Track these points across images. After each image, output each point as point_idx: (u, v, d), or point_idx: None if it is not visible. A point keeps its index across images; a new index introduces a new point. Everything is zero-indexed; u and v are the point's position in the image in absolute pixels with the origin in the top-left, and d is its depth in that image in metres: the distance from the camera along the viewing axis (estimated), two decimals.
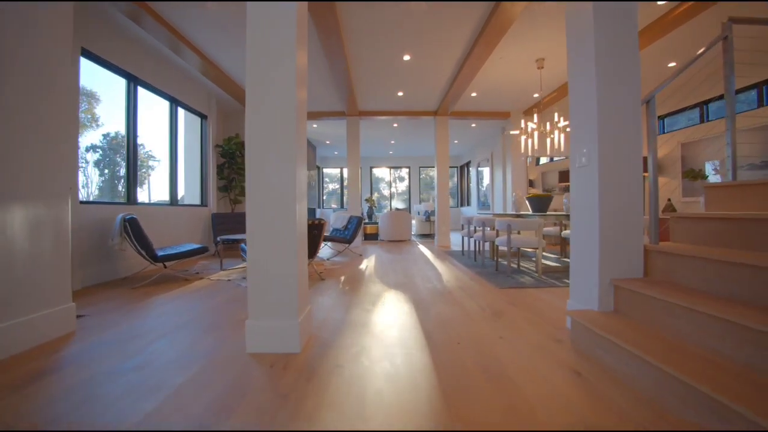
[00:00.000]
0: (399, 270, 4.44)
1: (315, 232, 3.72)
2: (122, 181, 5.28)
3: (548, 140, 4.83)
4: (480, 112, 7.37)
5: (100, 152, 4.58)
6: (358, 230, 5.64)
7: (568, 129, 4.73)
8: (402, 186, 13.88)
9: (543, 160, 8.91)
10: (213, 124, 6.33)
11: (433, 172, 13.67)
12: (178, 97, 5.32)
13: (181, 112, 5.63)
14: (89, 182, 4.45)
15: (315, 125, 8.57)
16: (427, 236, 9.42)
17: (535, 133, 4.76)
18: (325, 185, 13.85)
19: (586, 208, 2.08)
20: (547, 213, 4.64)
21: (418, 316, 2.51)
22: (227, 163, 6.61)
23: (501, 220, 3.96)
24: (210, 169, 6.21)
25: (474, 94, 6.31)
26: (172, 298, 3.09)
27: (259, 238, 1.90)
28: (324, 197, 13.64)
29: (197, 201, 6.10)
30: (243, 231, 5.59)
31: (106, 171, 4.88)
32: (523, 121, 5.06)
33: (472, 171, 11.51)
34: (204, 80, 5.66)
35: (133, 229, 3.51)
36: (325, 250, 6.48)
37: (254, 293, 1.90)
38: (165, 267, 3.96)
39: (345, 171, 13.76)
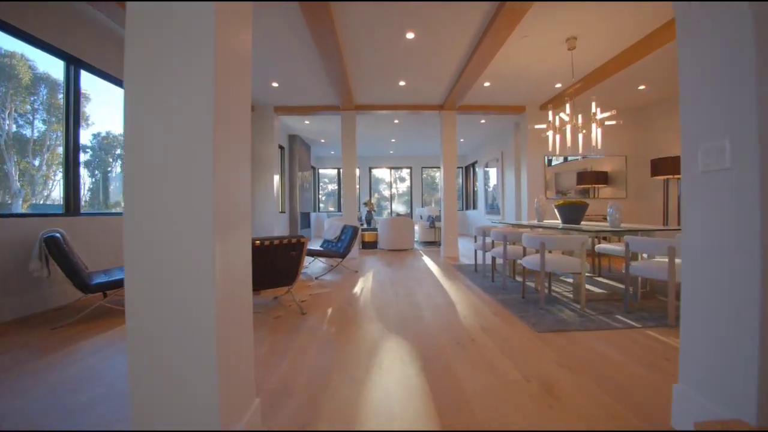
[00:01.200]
0: (402, 295, 3.60)
1: (293, 254, 2.88)
2: (113, 184, 4.78)
3: (580, 136, 3.99)
4: (492, 105, 6.53)
5: (90, 152, 4.53)
6: (353, 242, 4.81)
7: (608, 122, 3.88)
8: (403, 186, 13.04)
9: (555, 160, 8.06)
10: None
11: (437, 173, 12.84)
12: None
13: None
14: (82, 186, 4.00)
15: (307, 122, 7.74)
16: (431, 244, 8.57)
17: (567, 128, 3.92)
18: (323, 186, 13.03)
19: (723, 239, 1.23)
20: (588, 228, 3.79)
21: (432, 391, 1.67)
22: None
23: (531, 236, 3.11)
24: None
25: (487, 84, 5.46)
26: (100, 345, 2.26)
27: (144, 295, 1.07)
28: (321, 200, 12.81)
29: None
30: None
31: (97, 172, 4.70)
32: (551, 113, 4.22)
33: (479, 172, 10.67)
34: None
35: (54, 250, 2.68)
36: (317, 263, 5.64)
37: (139, 391, 1.07)
38: (105, 296, 3.13)
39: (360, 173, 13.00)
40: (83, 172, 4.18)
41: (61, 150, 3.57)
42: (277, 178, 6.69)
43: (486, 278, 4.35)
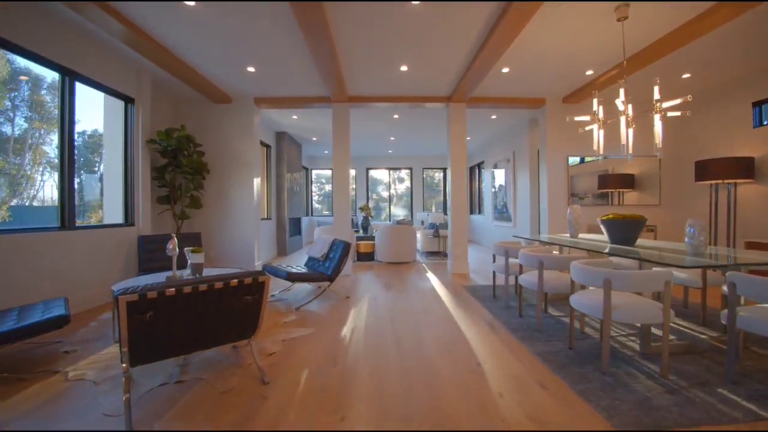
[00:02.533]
0: (405, 341, 2.70)
1: (249, 298, 1.97)
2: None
3: (629, 131, 3.10)
4: (507, 98, 5.64)
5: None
6: (344, 261, 3.91)
7: (671, 113, 3.00)
8: (402, 187, 12.14)
9: (571, 159, 7.17)
10: (145, 111, 4.57)
11: (437, 174, 11.96)
12: (76, 68, 3.57)
13: (87, 92, 3.87)
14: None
15: (295, 117, 6.82)
16: (435, 254, 7.68)
17: (622, 120, 3.02)
18: (320, 187, 12.10)
19: None
20: (679, 263, 2.91)
21: None
22: (170, 165, 4.86)
23: (588, 268, 2.22)
24: (139, 174, 4.46)
25: (506, 70, 4.57)
26: None
27: None
28: (314, 202, 11.88)
29: (119, 218, 4.35)
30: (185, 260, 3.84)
31: (83, 172, 4.37)
32: (595, 102, 3.33)
33: (486, 173, 9.79)
34: (130, 52, 3.92)
35: None
36: (301, 285, 4.71)
37: None
38: None
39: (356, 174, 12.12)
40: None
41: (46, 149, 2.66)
42: (258, 180, 5.78)
43: (511, 311, 3.45)
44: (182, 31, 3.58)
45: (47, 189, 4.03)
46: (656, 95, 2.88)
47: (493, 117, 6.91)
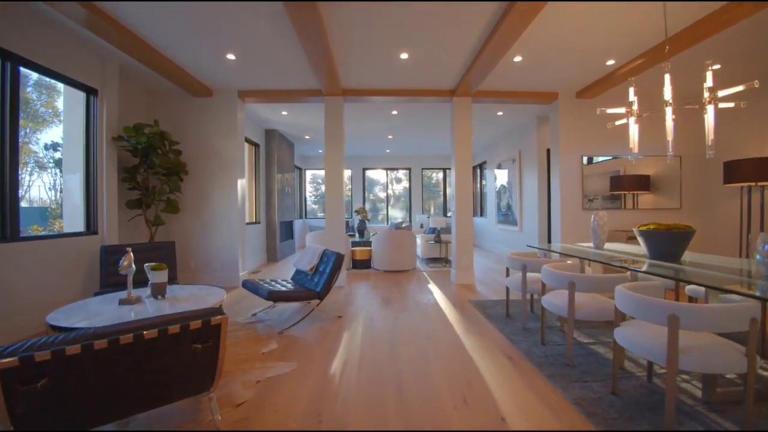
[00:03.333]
0: (407, 382, 2.19)
1: (198, 347, 1.46)
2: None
3: (670, 123, 2.62)
4: (516, 92, 5.15)
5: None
6: (336, 275, 3.40)
7: (723, 104, 2.51)
8: (399, 188, 11.63)
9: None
10: (111, 105, 4.04)
11: (435, 174, 11.47)
12: (20, 51, 3.04)
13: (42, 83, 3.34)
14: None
15: (285, 113, 6.29)
16: (436, 261, 7.19)
17: (668, 111, 2.54)
18: (316, 188, 11.56)
19: None
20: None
21: None
22: (141, 165, 4.33)
23: (647, 301, 1.72)
24: (103, 175, 3.92)
25: (518, 59, 4.08)
26: None
27: None
28: (309, 203, 11.35)
29: (80, 226, 3.81)
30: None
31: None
32: (632, 91, 2.83)
33: (489, 174, 9.30)
34: (91, 36, 3.39)
35: None
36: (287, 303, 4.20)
37: None
38: None
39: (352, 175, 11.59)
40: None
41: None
42: (243, 182, 5.25)
43: (530, 336, 2.96)
44: (150, 13, 3.07)
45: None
46: (709, 82, 2.40)
47: (500, 113, 6.42)
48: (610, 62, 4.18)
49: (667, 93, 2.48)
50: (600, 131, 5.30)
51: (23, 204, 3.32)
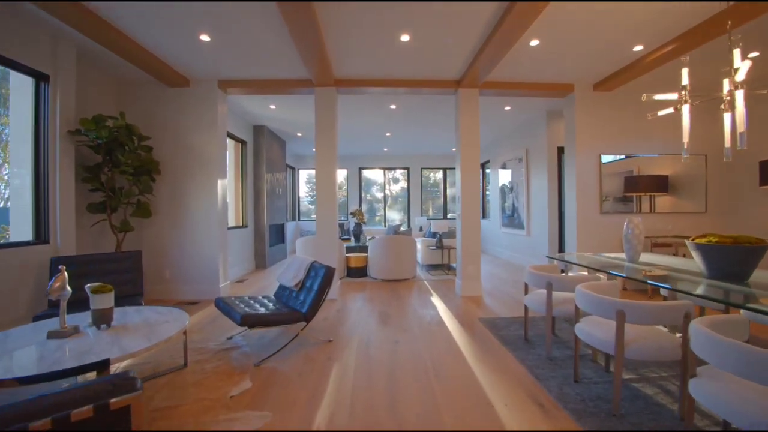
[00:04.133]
0: None
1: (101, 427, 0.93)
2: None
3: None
4: (527, 83, 4.66)
5: None
6: (325, 293, 2.89)
7: None
8: (397, 188, 11.13)
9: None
10: (66, 93, 3.50)
11: (437, 174, 10.98)
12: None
13: None
14: None
15: (273, 106, 5.77)
16: (437, 267, 6.69)
17: (739, 96, 2.04)
18: (312, 188, 11.02)
19: None
20: None
21: None
22: (106, 163, 3.79)
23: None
24: (56, 174, 3.38)
25: (534, 42, 3.58)
26: None
27: None
28: (304, 204, 10.80)
29: (27, 234, 3.27)
30: (128, 285, 2.71)
31: None
32: (685, 73, 2.33)
33: (491, 174, 8.81)
34: (42, 15, 2.86)
35: None
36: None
37: None
38: None
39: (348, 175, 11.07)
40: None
41: None
42: (224, 182, 4.72)
43: (558, 369, 2.45)
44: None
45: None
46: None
47: (507, 108, 5.93)
48: (638, 48, 3.69)
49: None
50: (618, 127, 4.82)
51: None
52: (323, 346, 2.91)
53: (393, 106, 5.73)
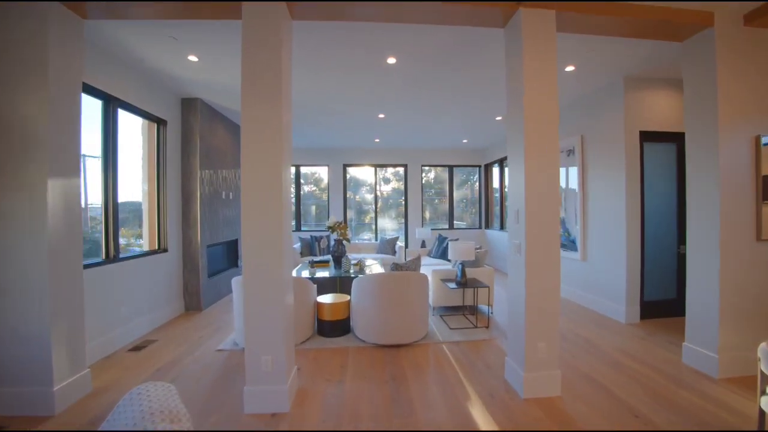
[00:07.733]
0: None
1: None
2: None
3: None
4: (636, 5, 2.58)
5: None
6: None
7: None
8: (387, 188, 8.98)
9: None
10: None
11: (443, 174, 8.87)
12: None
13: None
14: None
15: (193, 58, 3.53)
16: (455, 310, 4.57)
17: None
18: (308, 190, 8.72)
19: None
20: None
21: None
22: None
23: None
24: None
25: None
26: None
27: None
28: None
29: None
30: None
31: None
32: None
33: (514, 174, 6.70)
34: None
35: None
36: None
37: None
38: None
39: (330, 173, 8.89)
40: None
41: None
42: (73, 182, 2.50)
43: None
44: None
45: None
46: None
47: (569, 69, 3.82)
48: None
49: None
50: None
51: None
52: None
53: (392, 60, 3.56)
